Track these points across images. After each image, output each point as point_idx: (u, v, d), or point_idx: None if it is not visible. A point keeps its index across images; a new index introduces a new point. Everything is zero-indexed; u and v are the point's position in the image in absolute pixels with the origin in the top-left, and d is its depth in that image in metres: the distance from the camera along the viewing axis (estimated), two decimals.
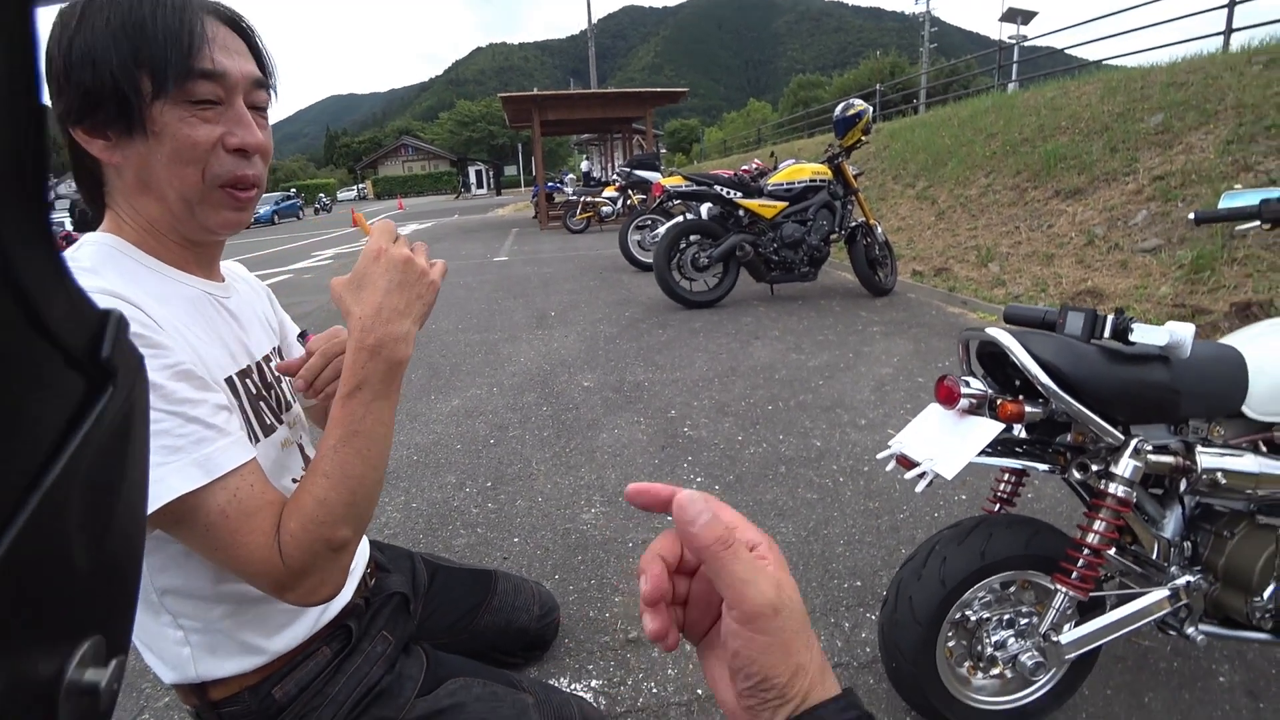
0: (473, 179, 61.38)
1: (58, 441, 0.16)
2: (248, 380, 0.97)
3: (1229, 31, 8.04)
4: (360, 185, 68.30)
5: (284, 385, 1.10)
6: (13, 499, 0.15)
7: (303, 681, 1.06)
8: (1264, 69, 6.06)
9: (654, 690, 1.61)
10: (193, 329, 0.88)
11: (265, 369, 1.04)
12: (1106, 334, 1.21)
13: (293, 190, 37.53)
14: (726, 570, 0.36)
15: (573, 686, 1.62)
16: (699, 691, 1.59)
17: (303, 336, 1.12)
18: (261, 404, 0.99)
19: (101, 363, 0.18)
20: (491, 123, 53.81)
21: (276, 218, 29.88)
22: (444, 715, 1.16)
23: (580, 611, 1.89)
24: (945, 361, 3.90)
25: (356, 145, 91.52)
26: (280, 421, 1.04)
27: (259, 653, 1.00)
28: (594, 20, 27.59)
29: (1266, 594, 1.27)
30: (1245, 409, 1.31)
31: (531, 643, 1.65)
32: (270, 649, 1.01)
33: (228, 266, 1.08)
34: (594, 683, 1.63)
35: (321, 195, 42.07)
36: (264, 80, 0.89)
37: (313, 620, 1.08)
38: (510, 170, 61.64)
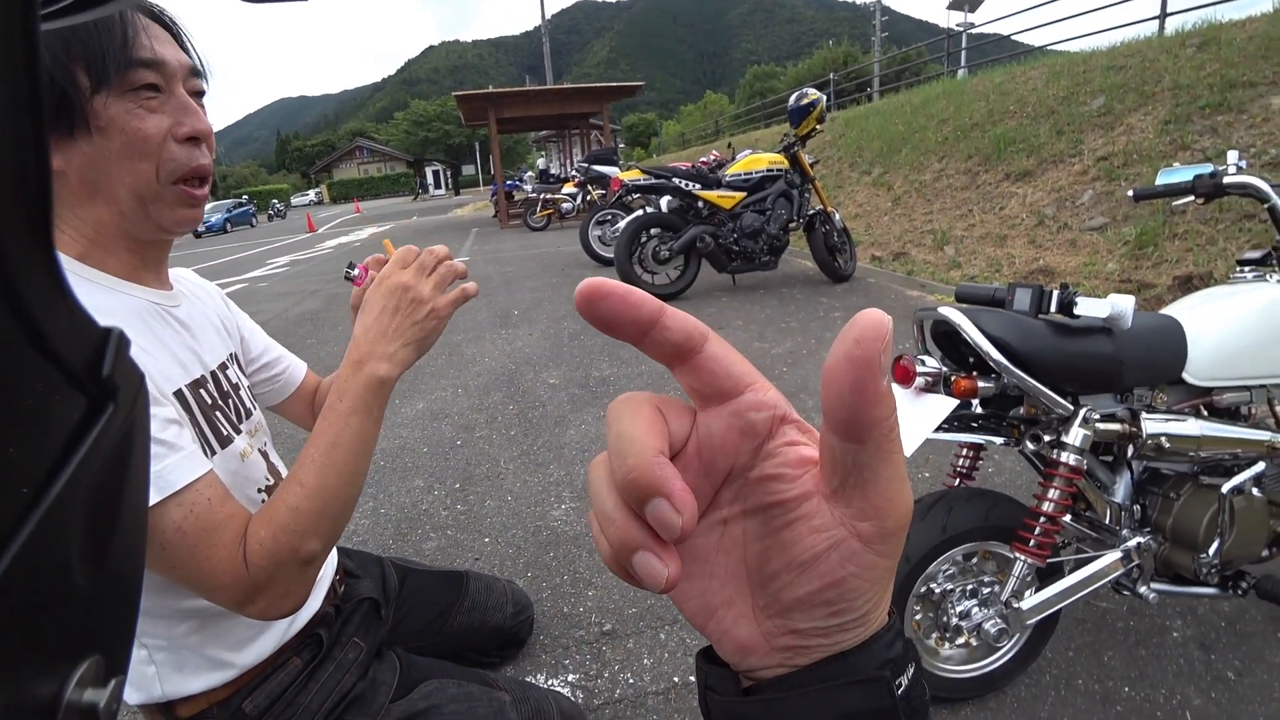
0: (430, 180, 60.64)
1: (58, 460, 0.16)
2: (201, 390, 0.95)
3: (1164, 15, 8.32)
4: (315, 190, 66.91)
5: (243, 393, 1.08)
6: (13, 518, 0.15)
7: (273, 693, 1.04)
8: (1197, 51, 6.28)
9: (630, 681, 1.62)
10: (137, 342, 0.85)
11: (221, 377, 1.02)
12: (1053, 309, 1.25)
13: (245, 197, 36.55)
14: (884, 468, 0.24)
15: (550, 682, 1.62)
16: (675, 680, 1.60)
17: (352, 268, 1.14)
18: (218, 414, 0.97)
19: (102, 381, 0.18)
20: (447, 122, 53.17)
21: (229, 226, 29.05)
22: (420, 718, 1.15)
23: (554, 607, 1.89)
24: (906, 343, 3.97)
25: (309, 149, 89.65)
26: (239, 431, 1.01)
27: (227, 667, 0.99)
28: (547, 16, 27.42)
29: (1211, 550, 1.33)
30: (1185, 375, 1.37)
31: (507, 641, 1.65)
32: (239, 663, 1.00)
33: (176, 273, 1.05)
34: (571, 677, 1.64)
35: (275, 201, 41.01)
36: (198, 68, 0.88)
37: (282, 631, 1.07)
38: (468, 170, 60.96)
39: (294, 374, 1.27)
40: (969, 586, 1.40)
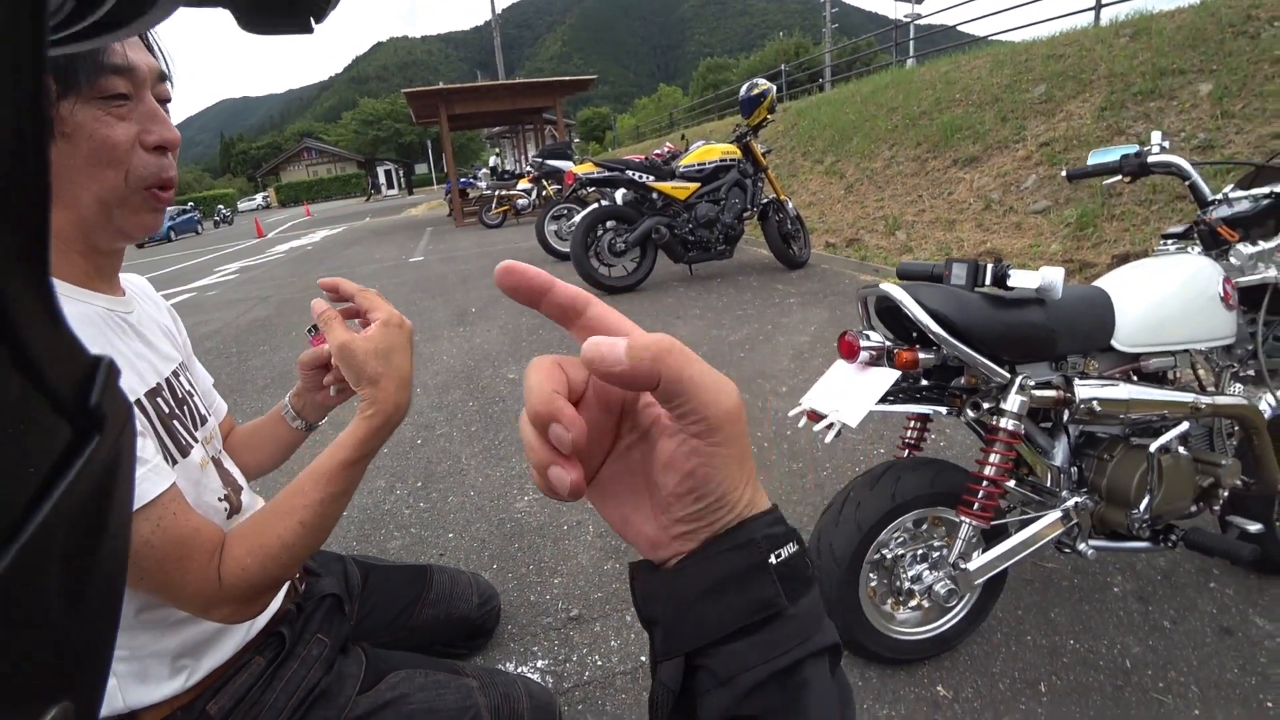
0: (383, 180, 59.50)
1: (39, 492, 0.15)
2: (159, 399, 0.94)
3: (1099, 6, 8.61)
4: (263, 193, 65.04)
5: (196, 400, 1.06)
6: None
7: (237, 694, 1.04)
8: (1130, 40, 6.52)
9: (599, 663, 1.64)
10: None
11: (175, 384, 1.01)
12: (988, 281, 1.30)
13: (189, 204, 35.16)
14: (686, 382, 0.30)
15: (520, 669, 1.63)
16: (643, 659, 1.63)
17: (315, 329, 1.09)
18: (175, 423, 0.96)
19: (90, 410, 0.17)
20: (398, 120, 52.19)
21: (173, 234, 28.03)
22: (388, 709, 1.15)
23: (521, 597, 1.90)
24: (859, 327, 4.05)
25: (255, 151, 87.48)
26: (195, 440, 1.00)
27: (189, 672, 0.98)
28: (498, 10, 27.08)
29: (1143, 506, 1.41)
30: (1114, 343, 1.44)
31: (474, 632, 1.66)
32: (201, 667, 0.99)
33: (128, 279, 1.03)
34: (540, 663, 1.65)
35: (220, 207, 39.69)
36: (165, 73, 0.87)
37: (243, 632, 1.06)
38: (421, 169, 60.02)
39: (218, 412, 1.24)
40: (919, 551, 1.45)
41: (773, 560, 0.32)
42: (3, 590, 0.14)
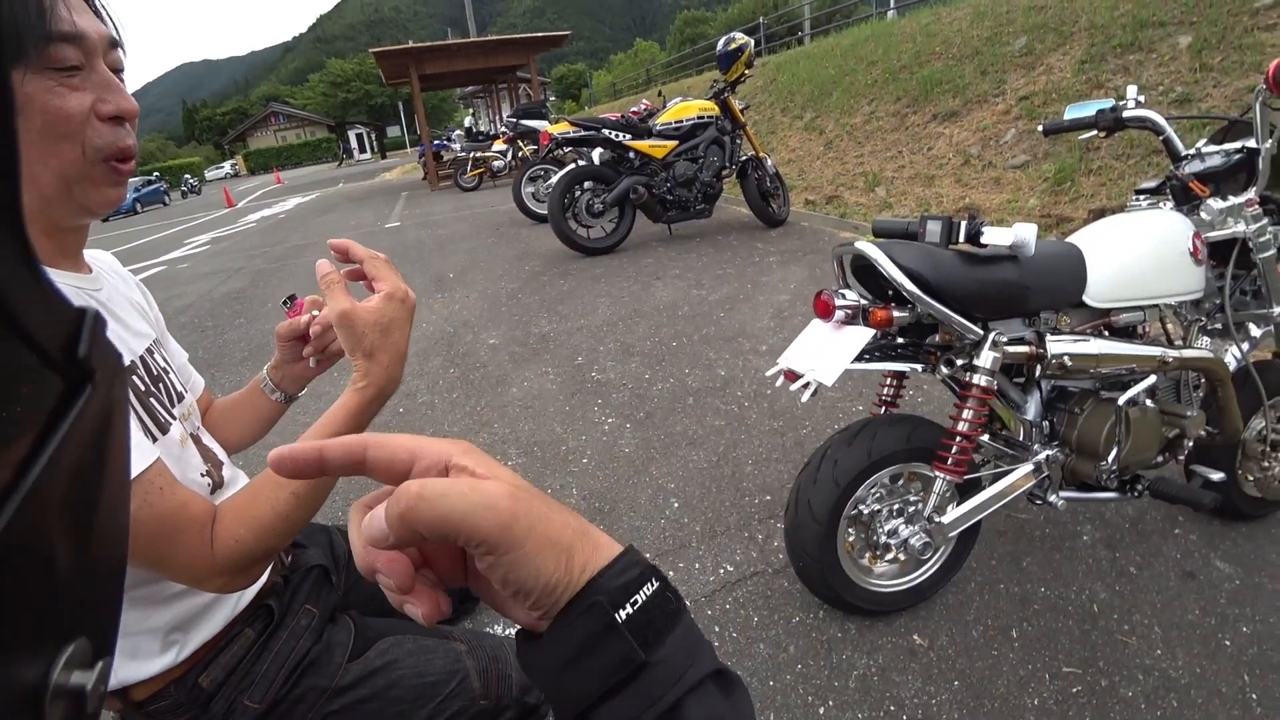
0: (354, 144, 58.04)
1: (36, 443, 0.16)
2: (134, 378, 0.93)
3: None
4: (231, 161, 63.24)
5: (172, 377, 1.05)
6: None
7: (229, 665, 1.05)
8: None
9: None
10: None
11: (150, 362, 0.99)
12: (961, 239, 1.31)
13: (155, 174, 33.95)
14: (443, 523, 0.31)
15: (507, 631, 1.66)
16: None
17: (291, 300, 1.07)
18: (152, 400, 0.95)
19: (79, 362, 0.18)
20: (368, 81, 50.58)
21: (139, 206, 27.02)
22: (378, 674, 1.17)
23: None
24: (835, 285, 4.07)
25: (220, 118, 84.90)
26: (173, 418, 0.99)
27: (180, 646, 0.99)
28: None
29: (1111, 457, 1.45)
30: (1086, 299, 1.46)
31: (462, 596, 1.67)
32: (191, 641, 1.00)
33: (94, 255, 1.01)
34: None
35: (188, 176, 38.54)
36: (116, 40, 0.83)
37: (231, 606, 1.07)
38: (394, 131, 58.57)
39: (195, 388, 1.22)
40: (896, 506, 1.49)
41: (622, 615, 0.32)
42: (10, 538, 0.15)
